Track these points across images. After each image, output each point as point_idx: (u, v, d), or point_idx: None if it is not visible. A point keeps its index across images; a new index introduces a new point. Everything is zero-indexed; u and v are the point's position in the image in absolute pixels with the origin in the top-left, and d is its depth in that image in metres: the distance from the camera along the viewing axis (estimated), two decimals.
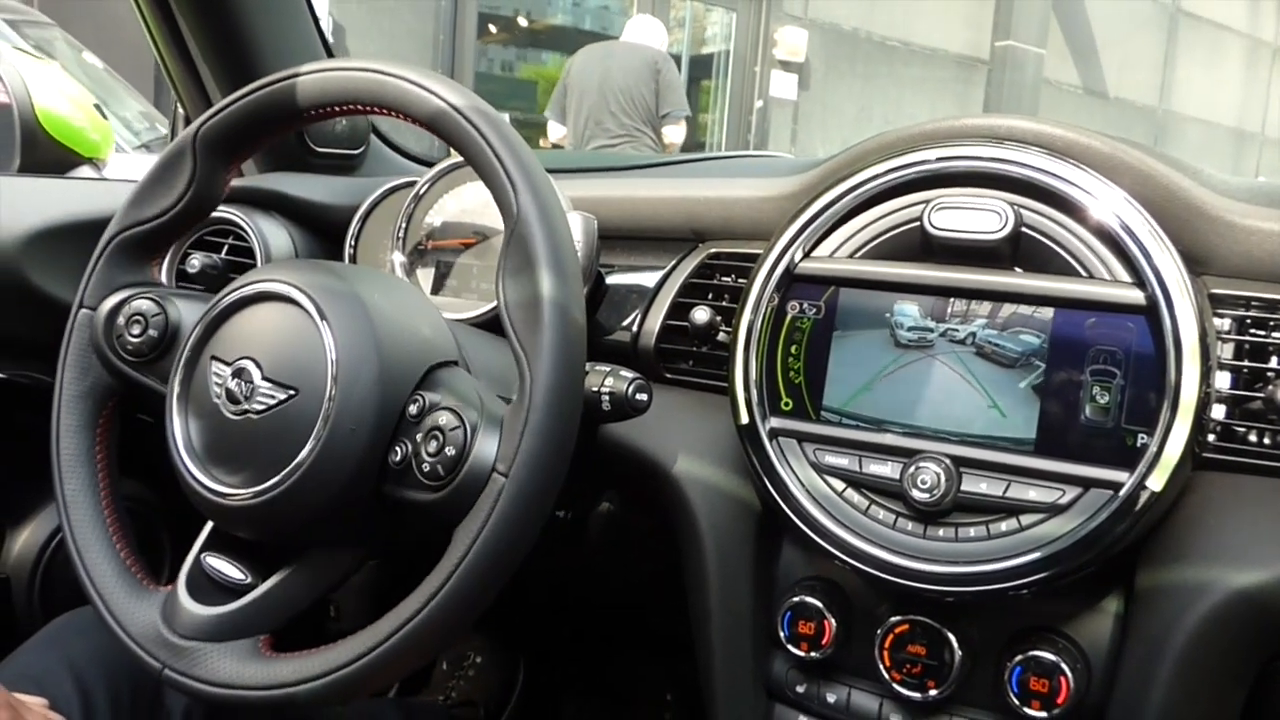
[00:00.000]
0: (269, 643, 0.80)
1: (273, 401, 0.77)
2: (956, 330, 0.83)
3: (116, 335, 0.90)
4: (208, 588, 0.81)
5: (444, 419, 0.75)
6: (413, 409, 0.77)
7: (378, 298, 0.80)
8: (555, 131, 4.89)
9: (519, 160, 0.75)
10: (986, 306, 0.82)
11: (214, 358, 0.81)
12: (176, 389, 0.82)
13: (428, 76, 0.78)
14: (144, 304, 0.90)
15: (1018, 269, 0.83)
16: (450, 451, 0.73)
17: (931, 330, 0.84)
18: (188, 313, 0.91)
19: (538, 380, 0.70)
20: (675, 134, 4.82)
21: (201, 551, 0.84)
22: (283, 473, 0.75)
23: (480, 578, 0.70)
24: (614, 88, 4.62)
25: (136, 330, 0.89)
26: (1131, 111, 11.22)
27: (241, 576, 0.81)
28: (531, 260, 0.73)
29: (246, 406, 0.77)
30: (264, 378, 0.77)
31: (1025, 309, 0.81)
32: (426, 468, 0.74)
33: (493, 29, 8.03)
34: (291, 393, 0.76)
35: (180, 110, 1.34)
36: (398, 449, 0.76)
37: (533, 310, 0.72)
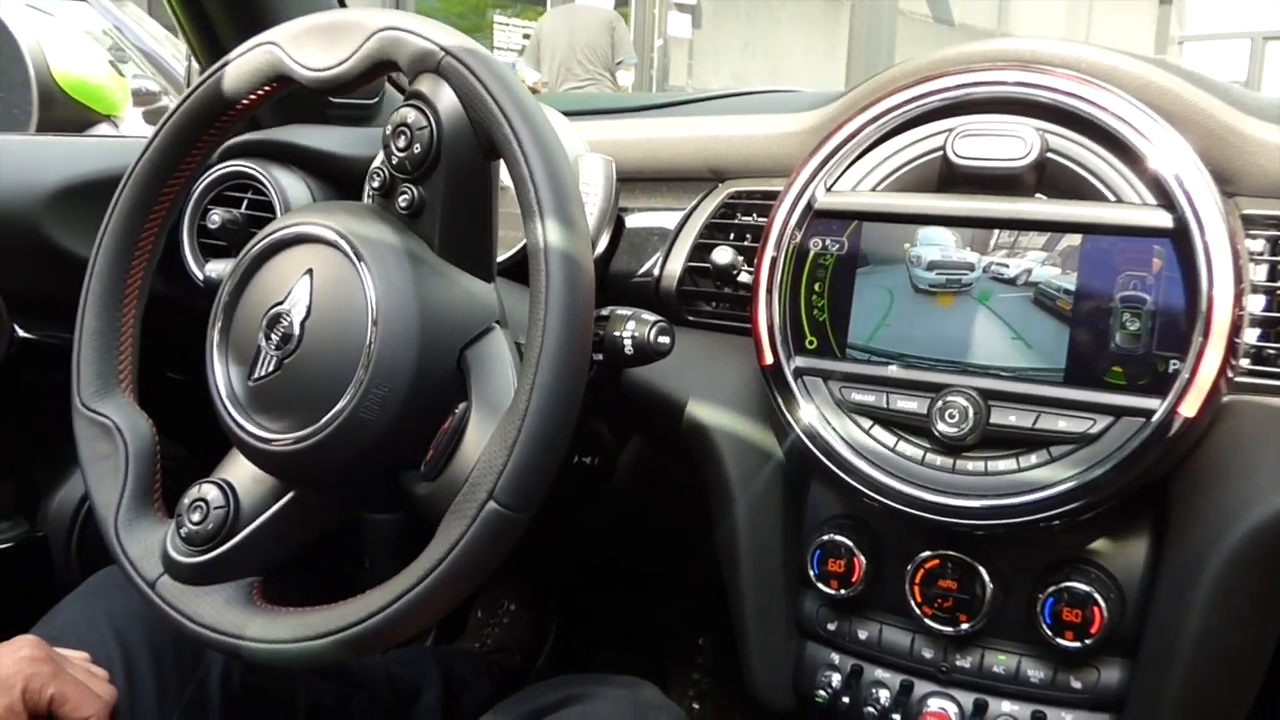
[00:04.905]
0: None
1: (312, 346, 0.76)
2: (1004, 266, 0.81)
3: None
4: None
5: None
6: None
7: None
8: (530, 76, 5.85)
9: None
10: (1013, 237, 0.81)
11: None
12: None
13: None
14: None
15: (1039, 195, 0.81)
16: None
17: (969, 266, 0.82)
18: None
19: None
20: (626, 78, 5.98)
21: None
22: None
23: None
24: (579, 42, 5.81)
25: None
26: (973, 35, 12.53)
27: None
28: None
29: (286, 351, 0.77)
30: (302, 322, 0.77)
31: (1052, 237, 0.79)
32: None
33: None
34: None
35: (194, 63, 1.33)
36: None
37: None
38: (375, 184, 0.81)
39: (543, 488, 0.69)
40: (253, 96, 0.85)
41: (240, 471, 0.82)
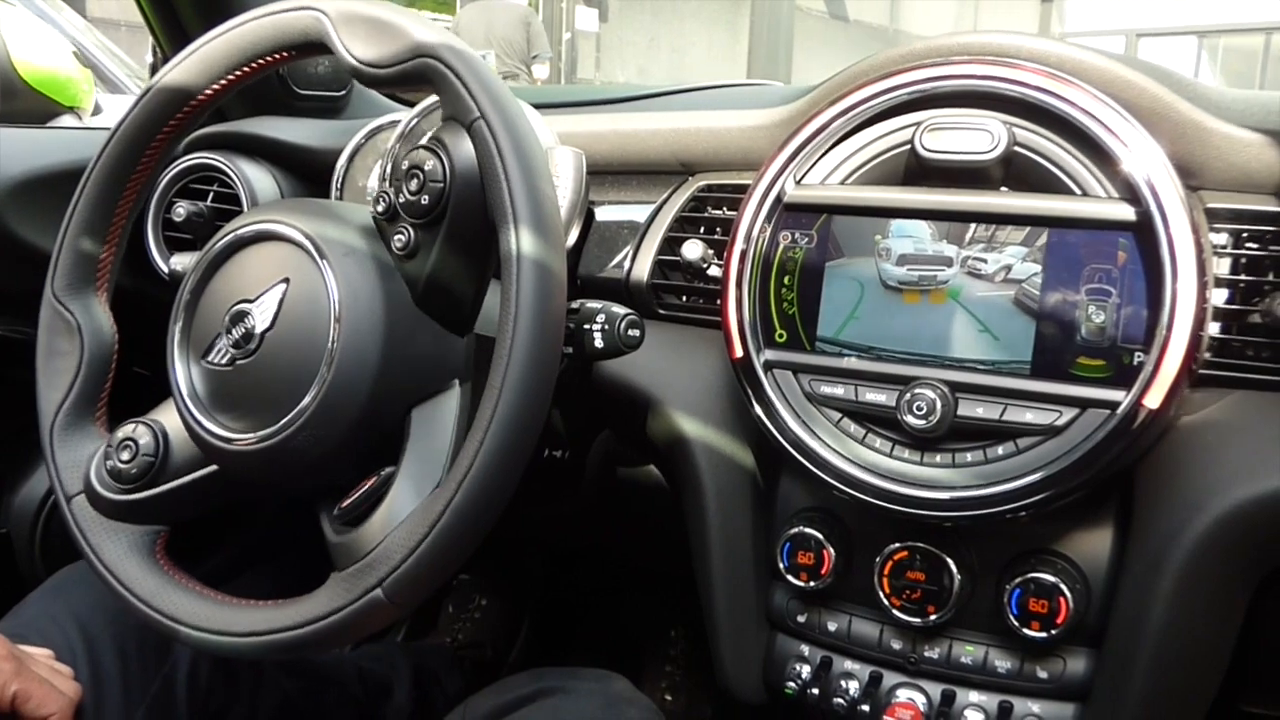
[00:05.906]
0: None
1: (275, 344, 0.75)
2: (980, 262, 0.82)
3: None
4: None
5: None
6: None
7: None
8: None
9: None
10: (987, 230, 0.81)
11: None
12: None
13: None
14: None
15: (1004, 188, 0.82)
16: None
17: (941, 259, 0.83)
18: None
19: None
20: (542, 71, 6.35)
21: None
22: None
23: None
24: (497, 36, 6.13)
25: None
26: (868, 31, 13.03)
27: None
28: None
29: (248, 350, 0.76)
30: (264, 321, 0.76)
31: (1025, 231, 0.80)
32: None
33: None
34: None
35: (159, 52, 1.32)
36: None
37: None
38: (380, 207, 0.78)
39: (430, 592, 0.70)
40: (284, 53, 0.82)
41: (177, 420, 0.82)
